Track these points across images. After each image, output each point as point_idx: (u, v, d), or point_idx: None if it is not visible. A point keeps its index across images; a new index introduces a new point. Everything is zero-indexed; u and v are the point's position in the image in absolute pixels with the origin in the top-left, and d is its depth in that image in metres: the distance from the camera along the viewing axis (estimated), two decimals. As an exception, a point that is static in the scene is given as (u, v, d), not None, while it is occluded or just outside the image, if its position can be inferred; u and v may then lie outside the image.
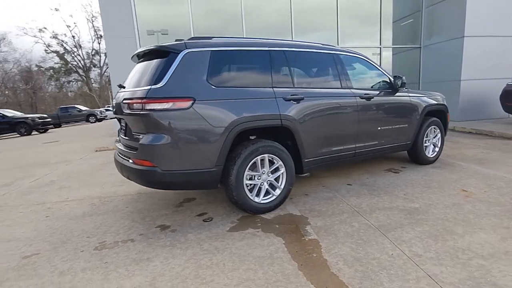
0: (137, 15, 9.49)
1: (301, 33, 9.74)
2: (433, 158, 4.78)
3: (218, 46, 3.08)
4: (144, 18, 9.64)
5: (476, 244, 2.42)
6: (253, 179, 3.19)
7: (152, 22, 9.87)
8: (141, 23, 9.60)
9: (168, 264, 2.42)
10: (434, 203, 3.26)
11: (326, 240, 2.64)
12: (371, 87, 4.19)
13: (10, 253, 2.75)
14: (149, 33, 9.82)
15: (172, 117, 2.75)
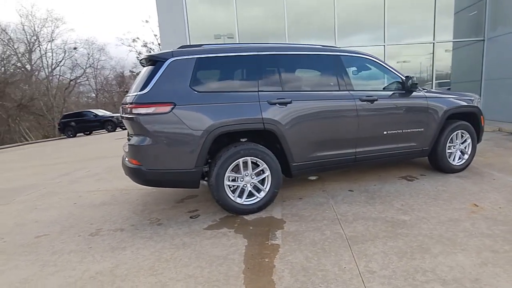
0: (189, 24, 10.09)
1: (344, 34, 9.26)
2: (460, 166, 4.20)
3: (204, 53, 3.19)
4: (195, 24, 10.19)
5: (445, 267, 2.12)
6: (236, 181, 3.23)
7: (215, 27, 10.34)
8: (193, 30, 10.17)
9: (136, 254, 2.62)
10: (428, 217, 2.91)
11: (287, 246, 2.57)
12: (380, 89, 3.87)
13: (29, 232, 3.26)
14: (216, 37, 10.28)
15: (154, 121, 2.95)
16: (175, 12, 9.99)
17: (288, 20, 9.54)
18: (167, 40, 10.18)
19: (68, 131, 20.73)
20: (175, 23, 10.06)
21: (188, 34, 10.17)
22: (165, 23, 10.21)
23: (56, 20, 40.43)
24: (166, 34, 10.27)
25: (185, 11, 10.02)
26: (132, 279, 2.25)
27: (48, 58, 35.47)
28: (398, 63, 9.89)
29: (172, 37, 10.10)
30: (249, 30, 10.12)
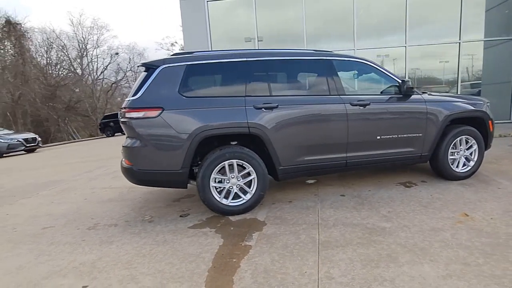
0: (210, 29, 10.34)
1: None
2: (465, 173, 3.95)
3: (194, 60, 3.30)
4: (216, 29, 10.43)
5: (406, 277, 2.04)
6: (222, 182, 3.31)
7: (246, 30, 10.53)
8: (214, 34, 10.40)
9: (120, 248, 2.79)
10: (410, 225, 2.79)
11: (259, 248, 2.60)
12: (375, 93, 3.76)
13: (39, 224, 3.58)
14: (246, 40, 10.44)
15: (144, 124, 3.12)
16: (197, 17, 10.29)
17: (307, 23, 9.47)
18: (190, 43, 10.56)
19: (107, 131, 22.08)
20: (198, 27, 10.36)
21: (210, 38, 10.43)
22: (189, 28, 10.55)
23: (101, 28, 43.12)
24: (189, 38, 10.61)
25: (207, 16, 10.28)
26: (108, 271, 2.41)
27: (94, 63, 38.02)
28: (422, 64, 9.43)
29: (195, 41, 10.45)
30: (268, 33, 10.18)
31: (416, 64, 9.24)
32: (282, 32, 10.46)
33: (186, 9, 10.45)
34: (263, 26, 10.15)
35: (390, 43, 8.97)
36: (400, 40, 8.75)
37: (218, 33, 10.50)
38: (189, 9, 10.43)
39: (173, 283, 2.19)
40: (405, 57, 8.69)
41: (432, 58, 9.34)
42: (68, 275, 2.39)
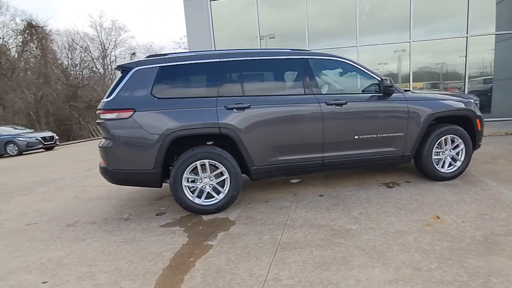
0: (213, 27, 10.39)
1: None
2: (450, 174, 3.81)
3: (166, 62, 3.34)
4: (220, 28, 10.47)
5: (353, 281, 2.01)
6: (195, 182, 3.35)
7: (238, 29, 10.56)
8: (217, 31, 10.44)
9: (89, 245, 2.88)
10: (376, 228, 2.73)
11: (218, 248, 2.62)
12: (355, 92, 3.69)
13: (25, 220, 3.73)
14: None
15: (117, 125, 3.19)
16: (200, 17, 10.37)
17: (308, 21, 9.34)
18: (194, 42, 10.66)
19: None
20: (201, 27, 10.44)
21: (213, 37, 10.49)
22: (192, 28, 10.64)
23: (119, 29, 44.15)
24: (192, 38, 10.70)
25: (210, 15, 10.34)
26: (70, 268, 2.49)
27: (113, 63, 38.99)
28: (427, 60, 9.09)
29: (198, 41, 10.55)
30: (271, 31, 10.12)
31: (422, 59, 8.95)
32: (287, 29, 10.38)
33: (189, 9, 10.55)
34: (267, 24, 10.10)
35: (394, 39, 8.72)
36: (404, 36, 8.49)
37: (222, 33, 10.54)
38: (192, 9, 10.52)
39: (126, 281, 2.25)
40: (409, 52, 8.42)
41: (438, 54, 9.01)
42: (33, 271, 2.49)
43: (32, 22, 34.26)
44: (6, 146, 13.96)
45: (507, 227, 2.52)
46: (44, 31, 35.28)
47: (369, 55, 9.44)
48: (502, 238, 2.36)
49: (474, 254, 2.18)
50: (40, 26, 35.01)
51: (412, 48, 8.46)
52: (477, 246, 2.29)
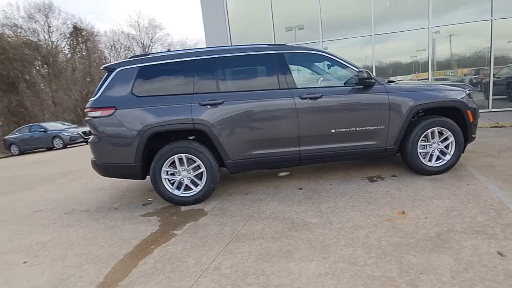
0: (230, 23, 10.50)
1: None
2: (439, 168, 3.60)
3: (146, 62, 3.51)
4: (235, 23, 10.54)
5: (285, 273, 2.05)
6: (174, 175, 3.51)
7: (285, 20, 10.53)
8: (233, 27, 10.54)
9: (74, 231, 3.18)
10: (336, 222, 2.71)
11: (180, 237, 2.77)
12: (330, 85, 3.61)
13: (34, 207, 4.16)
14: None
15: (101, 122, 3.43)
16: (217, 13, 10.52)
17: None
18: (211, 38, 10.87)
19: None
20: (217, 23, 10.60)
21: (229, 32, 10.61)
22: (209, 24, 10.83)
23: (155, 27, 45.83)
24: (210, 32, 10.90)
25: (226, 11, 10.45)
26: (50, 250, 2.78)
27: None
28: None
29: (215, 36, 10.73)
30: (286, 24, 10.00)
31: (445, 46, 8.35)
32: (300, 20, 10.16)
33: (206, 6, 10.73)
34: (279, 15, 9.99)
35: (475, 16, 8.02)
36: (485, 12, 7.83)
37: (237, 26, 10.62)
38: (209, 5, 10.69)
39: (90, 264, 2.47)
40: (491, 32, 7.68)
41: (460, 39, 8.34)
42: (21, 252, 2.82)
43: (77, 25, 36.69)
44: (53, 140, 15.33)
45: (469, 225, 2.39)
46: (88, 34, 37.67)
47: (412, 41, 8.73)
48: (456, 236, 2.25)
49: (417, 251, 2.11)
50: (84, 29, 37.40)
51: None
52: (425, 243, 2.20)
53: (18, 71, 23.97)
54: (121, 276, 2.24)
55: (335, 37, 9.20)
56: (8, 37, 25.41)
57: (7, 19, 27.05)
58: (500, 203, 2.70)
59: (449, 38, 8.37)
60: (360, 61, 9.04)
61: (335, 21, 9.25)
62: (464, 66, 8.93)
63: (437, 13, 8.04)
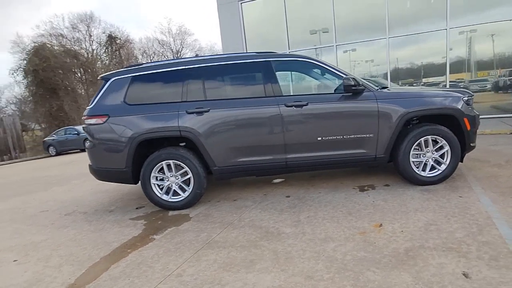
0: (245, 30, 10.59)
1: None
2: (433, 178, 3.40)
3: (138, 72, 3.63)
4: (251, 29, 10.61)
5: (241, 283, 2.02)
6: (163, 180, 3.59)
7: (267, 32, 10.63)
8: (248, 33, 10.62)
9: (67, 232, 3.33)
10: (308, 233, 2.63)
11: (157, 242, 2.82)
12: (318, 92, 3.53)
13: (42, 208, 4.42)
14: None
15: (96, 129, 3.59)
16: (232, 19, 10.67)
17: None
18: (227, 44, 11.03)
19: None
20: (233, 29, 10.73)
21: (245, 38, 10.70)
22: (226, 30, 10.99)
23: (184, 33, 47.19)
24: (227, 42, 11.08)
25: (241, 17, 10.56)
26: (39, 250, 2.93)
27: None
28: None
29: (231, 41, 10.88)
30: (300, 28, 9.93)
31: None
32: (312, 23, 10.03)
33: (223, 13, 10.91)
34: (294, 20, 9.93)
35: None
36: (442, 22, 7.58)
37: (252, 34, 10.69)
38: (225, 12, 10.86)
39: (68, 265, 2.58)
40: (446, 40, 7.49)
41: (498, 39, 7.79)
42: (14, 251, 3.00)
43: (111, 34, 38.59)
44: (85, 142, 16.22)
45: (443, 241, 2.23)
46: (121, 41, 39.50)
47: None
48: (426, 252, 2.11)
49: (379, 267, 2.00)
50: (118, 37, 39.25)
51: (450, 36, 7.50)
52: (391, 258, 2.09)
53: (59, 78, 25.52)
54: (91, 278, 2.32)
55: (353, 39, 8.97)
56: (51, 46, 27.26)
57: (53, 29, 29.06)
58: (487, 218, 2.50)
59: (485, 38, 7.89)
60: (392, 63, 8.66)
61: (351, 24, 9.05)
62: (502, 67, 8.38)
63: (460, 13, 7.62)
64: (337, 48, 9.37)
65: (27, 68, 24.76)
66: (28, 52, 25.12)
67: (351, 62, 9.76)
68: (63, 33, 30.07)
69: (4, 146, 14.89)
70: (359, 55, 9.42)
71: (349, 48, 9.44)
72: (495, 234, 2.24)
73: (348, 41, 9.01)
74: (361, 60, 9.82)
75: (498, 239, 2.17)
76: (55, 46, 27.70)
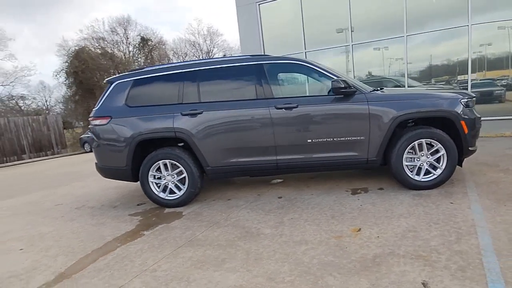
0: (263, 32, 10.61)
1: None
2: (428, 182, 3.25)
3: (139, 75, 3.80)
4: (268, 30, 10.62)
5: (206, 281, 2.09)
6: (160, 179, 3.74)
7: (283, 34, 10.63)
8: (266, 36, 10.64)
9: (71, 225, 3.57)
10: (287, 235, 2.64)
11: (145, 238, 2.95)
12: (308, 95, 3.51)
13: (57, 202, 4.74)
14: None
15: (100, 130, 3.80)
16: (251, 20, 10.74)
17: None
18: (246, 49, 11.13)
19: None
20: (251, 30, 10.79)
21: (262, 40, 10.73)
22: (244, 32, 11.08)
23: (212, 34, 47.97)
24: (245, 44, 11.18)
25: (259, 18, 10.60)
26: (44, 241, 3.17)
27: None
28: None
29: (250, 43, 10.96)
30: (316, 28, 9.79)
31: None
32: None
33: (242, 14, 11.01)
34: (309, 20, 9.81)
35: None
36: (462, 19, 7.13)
37: (270, 36, 10.70)
38: (243, 14, 10.95)
39: (63, 255, 2.78)
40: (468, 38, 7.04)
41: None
42: (23, 240, 3.27)
43: (144, 36, 40.05)
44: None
45: (415, 248, 2.16)
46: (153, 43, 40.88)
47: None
48: (393, 259, 2.05)
49: (341, 273, 1.98)
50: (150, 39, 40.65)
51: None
52: (356, 264, 2.06)
53: (96, 79, 26.98)
54: (79, 269, 2.49)
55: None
56: (89, 49, 28.89)
57: (94, 33, 30.79)
58: (471, 227, 2.38)
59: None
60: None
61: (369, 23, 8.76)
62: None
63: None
64: (363, 46, 9.04)
65: (68, 70, 26.44)
66: (70, 55, 26.80)
67: (386, 59, 9.22)
68: (103, 36, 31.66)
69: (48, 142, 16.03)
70: (391, 53, 8.89)
71: (381, 46, 8.94)
72: (472, 244, 2.13)
73: (374, 38, 8.61)
74: (391, 58, 9.25)
75: (474, 249, 2.06)
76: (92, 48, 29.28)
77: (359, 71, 9.23)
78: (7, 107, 28.27)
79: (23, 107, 28.61)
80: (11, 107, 28.39)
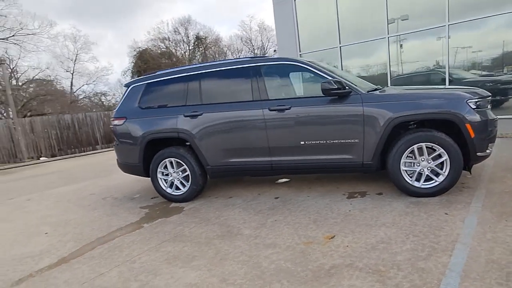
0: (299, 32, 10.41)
1: None
2: (428, 189, 2.95)
3: (152, 79, 4.05)
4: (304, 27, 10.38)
5: (168, 276, 2.21)
6: (168, 176, 3.97)
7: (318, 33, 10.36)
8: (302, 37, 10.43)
9: (91, 214, 3.97)
10: (262, 237, 2.64)
11: (143, 230, 3.19)
12: (301, 96, 3.41)
13: (92, 191, 5.28)
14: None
15: (118, 129, 4.15)
16: (287, 18, 10.61)
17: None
18: (282, 46, 11.04)
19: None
20: (288, 28, 10.65)
21: (298, 40, 10.55)
22: (280, 29, 10.98)
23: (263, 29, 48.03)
24: (281, 41, 11.08)
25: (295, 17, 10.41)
26: (65, 227, 3.59)
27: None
28: None
29: (286, 40, 10.85)
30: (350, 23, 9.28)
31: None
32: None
33: (278, 12, 10.90)
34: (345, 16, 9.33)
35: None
36: None
37: (305, 33, 10.47)
38: (280, 11, 10.83)
39: (73, 241, 3.13)
40: None
41: None
42: (51, 225, 3.74)
43: (199, 35, 41.68)
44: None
45: (378, 261, 2.01)
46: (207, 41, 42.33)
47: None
48: (348, 272, 1.95)
49: (291, 281, 1.95)
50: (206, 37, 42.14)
51: None
52: (309, 273, 2.00)
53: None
54: (78, 255, 2.79)
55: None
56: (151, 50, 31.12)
57: (160, 34, 33.15)
58: (451, 243, 2.14)
59: None
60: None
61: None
62: None
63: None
64: (389, 39, 8.45)
65: (133, 69, 28.85)
66: (135, 56, 29.17)
67: (452, 48, 8.24)
68: (166, 36, 33.82)
69: (93, 138, 17.28)
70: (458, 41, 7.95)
71: (442, 35, 8.08)
72: (442, 262, 1.92)
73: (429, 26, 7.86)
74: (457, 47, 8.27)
75: (439, 268, 1.86)
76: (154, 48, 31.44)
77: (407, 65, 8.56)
78: (92, 103, 31.75)
79: (105, 102, 31.86)
80: (96, 103, 31.78)
